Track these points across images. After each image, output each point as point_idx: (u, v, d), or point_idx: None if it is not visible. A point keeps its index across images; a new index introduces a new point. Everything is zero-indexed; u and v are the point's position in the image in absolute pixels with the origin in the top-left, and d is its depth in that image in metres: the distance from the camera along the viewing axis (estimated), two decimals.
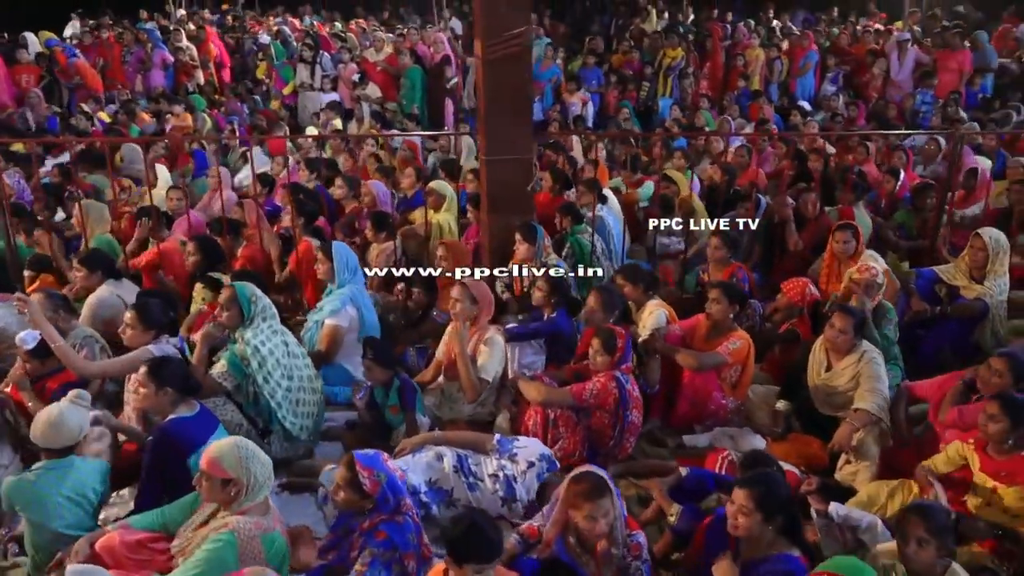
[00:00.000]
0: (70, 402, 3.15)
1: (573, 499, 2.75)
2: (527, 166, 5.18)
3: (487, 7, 4.75)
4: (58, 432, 3.08)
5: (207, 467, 2.78)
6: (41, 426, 3.10)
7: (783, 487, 2.76)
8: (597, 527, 2.75)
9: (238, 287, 3.83)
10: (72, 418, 3.11)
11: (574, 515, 2.77)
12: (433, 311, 4.83)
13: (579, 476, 2.80)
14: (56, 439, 3.09)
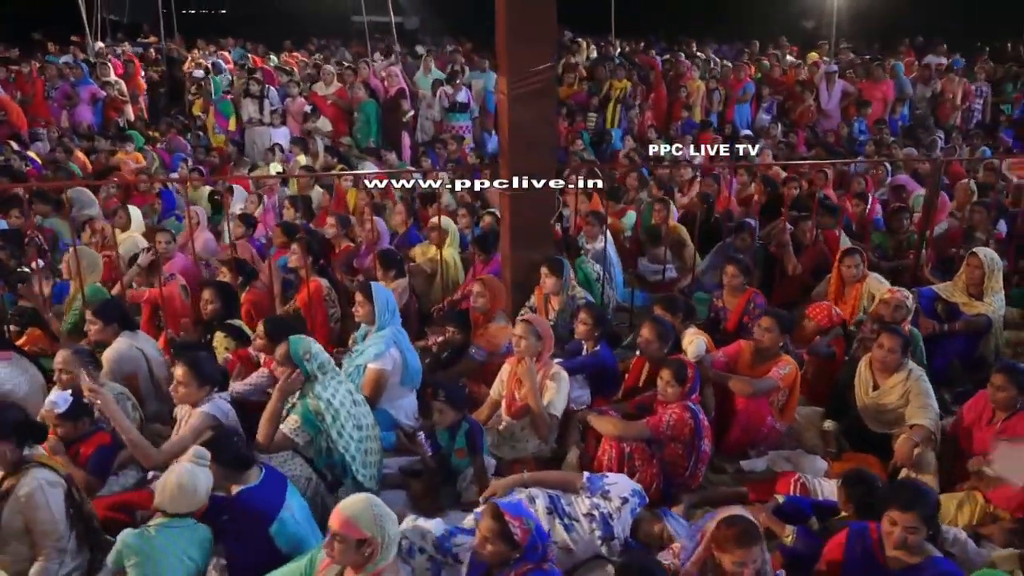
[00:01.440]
0: (194, 463, 2.94)
1: (723, 542, 2.74)
2: (550, 200, 5.21)
3: (511, 44, 4.79)
4: (191, 496, 2.93)
5: (341, 528, 2.63)
6: (171, 490, 2.95)
7: (934, 498, 2.86)
8: (745, 572, 2.75)
9: (291, 342, 3.67)
10: (202, 480, 2.95)
11: (721, 558, 2.76)
12: (471, 349, 4.74)
13: (731, 520, 2.79)
14: (187, 503, 2.93)
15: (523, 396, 4.07)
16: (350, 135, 10.49)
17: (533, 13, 4.73)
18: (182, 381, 3.67)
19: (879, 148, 9.66)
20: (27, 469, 3.17)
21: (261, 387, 4.31)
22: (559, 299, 5.12)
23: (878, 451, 4.13)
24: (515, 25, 4.73)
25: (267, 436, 3.63)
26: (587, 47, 15.34)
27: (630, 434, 3.77)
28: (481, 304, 4.74)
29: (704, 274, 6.37)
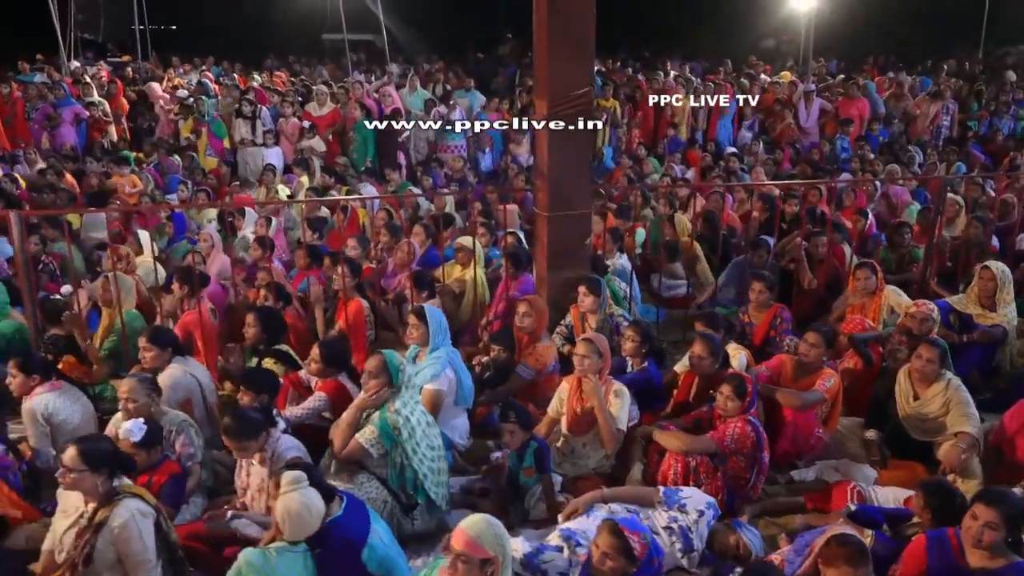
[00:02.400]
0: (304, 488, 2.96)
1: (832, 559, 2.85)
2: (586, 221, 5.33)
3: (552, 69, 4.90)
4: (308, 521, 2.95)
5: (464, 547, 2.69)
6: (292, 518, 2.95)
7: (1018, 502, 3.02)
8: None
9: (388, 355, 3.74)
10: (317, 505, 2.97)
11: (827, 573, 2.88)
12: (519, 367, 4.81)
13: (843, 539, 2.90)
14: (307, 527, 2.94)
15: (587, 412, 4.16)
16: (344, 155, 10.49)
17: (572, 40, 4.87)
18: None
19: (863, 164, 10.02)
20: (119, 500, 3.16)
21: (318, 411, 4.32)
22: (596, 317, 5.23)
23: (920, 459, 4.32)
24: (555, 51, 4.86)
25: (343, 443, 3.67)
26: None
27: (696, 448, 3.89)
28: (528, 324, 4.82)
29: (721, 289, 6.54)
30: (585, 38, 4.90)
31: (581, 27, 4.87)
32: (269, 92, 11.80)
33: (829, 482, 4.27)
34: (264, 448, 3.57)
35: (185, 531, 3.57)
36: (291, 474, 3.03)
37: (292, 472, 3.04)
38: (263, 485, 3.58)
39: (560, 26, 4.81)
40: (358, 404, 3.70)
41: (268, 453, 3.57)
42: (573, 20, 4.82)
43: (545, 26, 4.83)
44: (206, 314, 5.24)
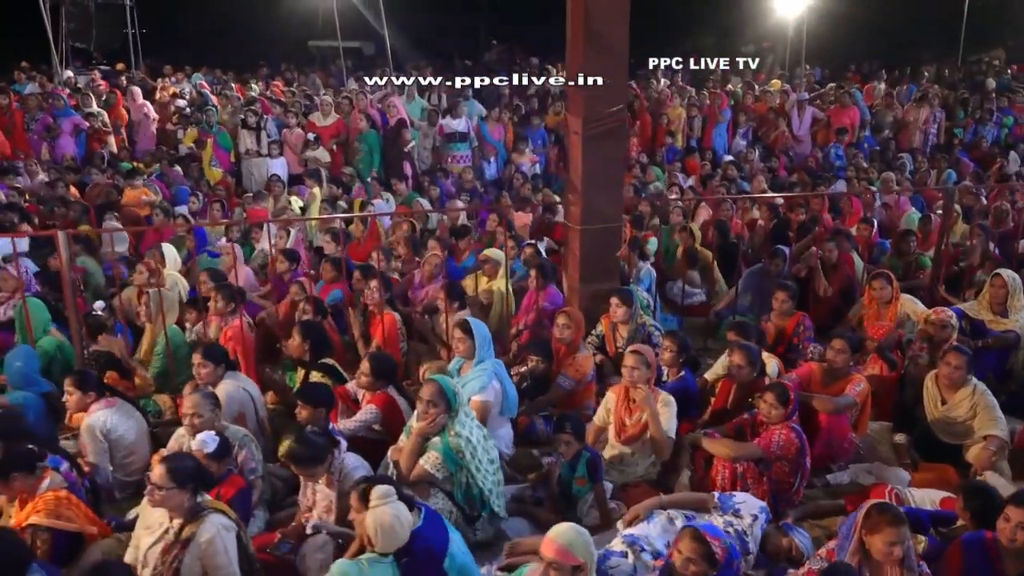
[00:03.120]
0: (394, 502, 3.06)
1: (874, 525, 3.05)
2: (617, 234, 5.48)
3: (587, 87, 5.04)
4: (399, 533, 3.03)
5: (557, 556, 2.82)
6: (385, 530, 3.03)
7: None
8: (895, 551, 3.05)
9: (442, 381, 3.83)
10: (406, 515, 3.06)
11: (872, 541, 3.06)
12: (559, 377, 4.95)
13: (881, 506, 3.12)
14: (398, 539, 3.03)
15: (636, 422, 4.30)
16: (348, 165, 10.55)
17: (606, 58, 5.02)
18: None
19: (858, 172, 10.30)
20: (205, 516, 3.24)
21: (369, 424, 4.44)
22: (627, 328, 5.38)
23: (949, 461, 4.52)
24: (589, 69, 5.00)
25: (408, 469, 3.78)
26: (556, 72, 15.81)
27: (743, 455, 4.05)
28: (567, 335, 4.96)
29: (740, 297, 6.72)
30: (619, 57, 5.05)
31: (615, 46, 5.03)
32: (271, 102, 11.82)
33: (863, 484, 4.46)
34: (331, 470, 3.67)
35: (256, 544, 3.66)
36: (381, 488, 3.13)
37: (382, 487, 3.14)
38: (331, 506, 3.67)
39: (595, 45, 4.96)
40: (418, 432, 3.80)
41: (335, 474, 3.67)
42: (607, 40, 4.97)
43: (581, 45, 4.97)
44: (246, 329, 5.32)
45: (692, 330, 6.49)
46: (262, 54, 19.25)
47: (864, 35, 20.11)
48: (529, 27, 21.64)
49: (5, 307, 5.80)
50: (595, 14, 4.88)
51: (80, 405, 4.17)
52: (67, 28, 14.16)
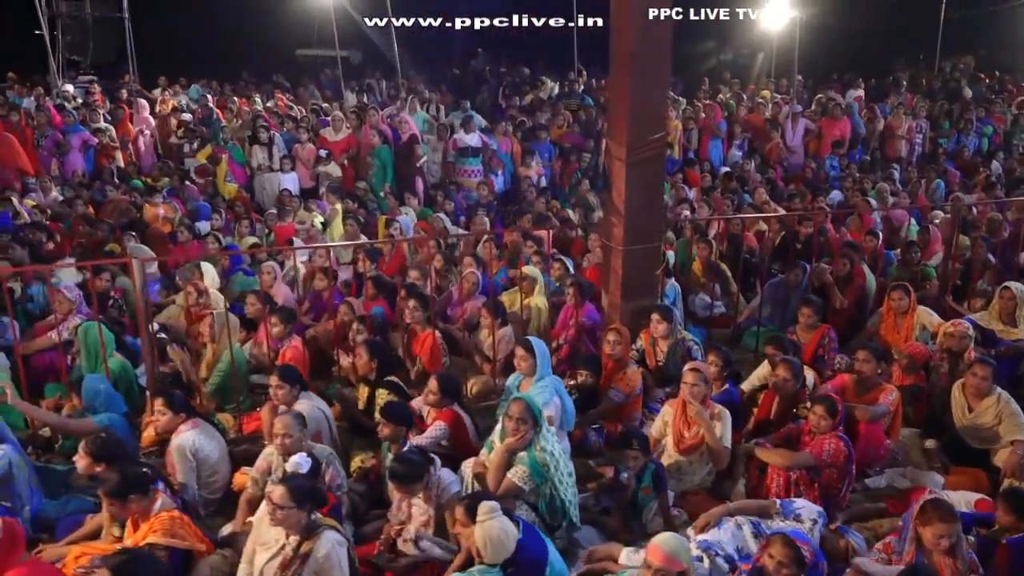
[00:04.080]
0: (500, 516, 3.30)
1: (926, 519, 3.40)
2: (658, 252, 5.78)
3: (633, 117, 5.33)
4: (506, 546, 3.26)
5: (663, 563, 3.10)
6: (494, 543, 3.28)
7: None
8: (942, 543, 3.40)
9: (528, 399, 4.10)
10: (511, 528, 3.31)
11: (923, 532, 3.41)
12: (610, 391, 5.23)
13: (934, 502, 3.50)
14: (506, 551, 3.27)
15: (694, 434, 4.60)
16: (359, 180, 10.75)
17: (650, 89, 5.32)
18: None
19: (853, 183, 10.73)
20: (320, 532, 3.47)
21: (438, 440, 4.67)
22: (667, 342, 5.68)
23: (977, 464, 4.88)
24: (635, 99, 5.28)
25: (497, 483, 4.04)
26: (551, 83, 16.13)
27: (797, 463, 4.35)
28: (618, 351, 5.24)
29: (759, 309, 7.05)
30: (660, 87, 5.35)
31: (657, 78, 5.33)
32: (274, 116, 11.96)
33: (899, 488, 4.80)
34: (428, 486, 3.91)
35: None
36: (487, 504, 3.38)
37: (488, 502, 3.39)
38: (429, 520, 3.91)
39: (639, 77, 5.25)
40: (507, 447, 4.06)
41: (433, 490, 3.91)
42: (650, 72, 5.26)
43: (626, 76, 5.25)
44: (303, 349, 5.54)
45: (716, 341, 6.81)
46: (251, 64, 19.29)
47: (842, 45, 20.67)
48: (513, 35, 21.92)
49: (60, 329, 5.93)
50: (640, 48, 5.17)
51: (170, 426, 4.36)
52: (64, 41, 14.14)
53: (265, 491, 3.77)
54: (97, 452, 3.93)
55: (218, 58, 18.79)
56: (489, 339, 6.05)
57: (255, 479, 4.29)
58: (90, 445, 3.94)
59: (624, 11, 5.19)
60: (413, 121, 11.68)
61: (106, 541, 3.98)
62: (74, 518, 4.23)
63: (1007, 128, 13.80)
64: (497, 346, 5.97)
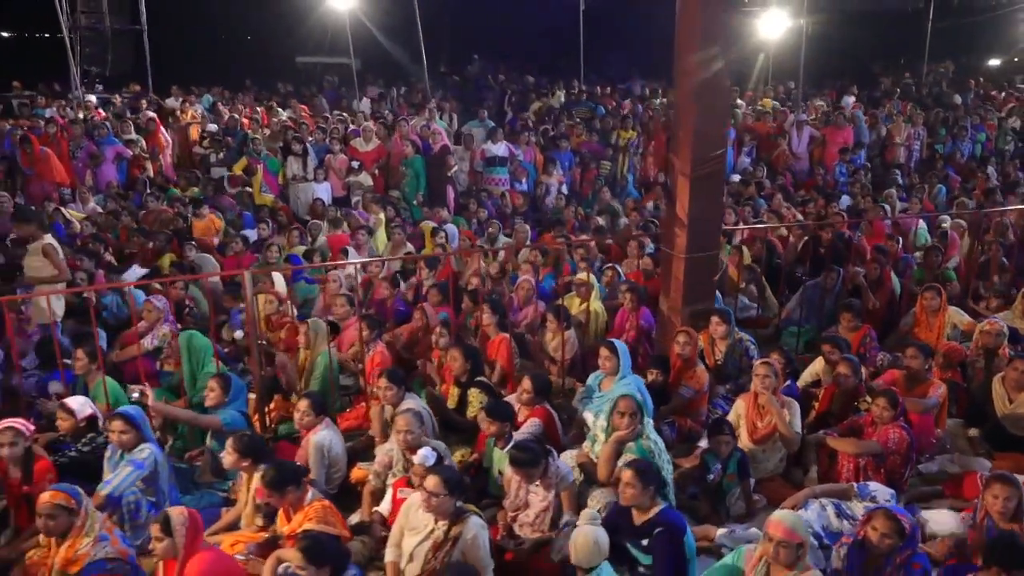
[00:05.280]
0: (597, 526, 3.68)
1: (989, 483, 3.88)
2: (716, 260, 6.23)
3: (697, 136, 5.77)
4: (597, 554, 3.60)
5: (784, 536, 3.51)
6: (584, 550, 3.60)
7: None
8: (998, 504, 3.89)
9: (634, 395, 4.52)
10: (604, 539, 3.64)
11: (986, 496, 3.91)
12: (680, 388, 5.66)
13: (999, 473, 4.03)
14: (594, 560, 3.60)
15: (766, 424, 5.05)
16: (388, 189, 11.12)
17: (713, 109, 5.76)
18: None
19: (862, 189, 11.29)
20: (467, 516, 3.87)
21: (534, 435, 5.06)
22: (725, 342, 6.13)
23: (1019, 450, 5.37)
24: (700, 118, 5.72)
25: (608, 473, 4.46)
26: (558, 90, 16.59)
27: (866, 451, 4.81)
28: (688, 351, 5.68)
29: (795, 311, 7.54)
30: (722, 108, 5.79)
31: (719, 99, 5.78)
32: (303, 127, 12.29)
33: (949, 472, 5.28)
34: (548, 474, 4.31)
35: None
36: (588, 512, 3.79)
37: (589, 511, 3.81)
38: (548, 506, 4.31)
39: (703, 97, 5.69)
40: (616, 439, 4.49)
41: (552, 478, 4.31)
42: (712, 94, 5.71)
43: (691, 98, 5.70)
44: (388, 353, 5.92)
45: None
46: (254, 72, 19.54)
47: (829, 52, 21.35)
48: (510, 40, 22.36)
49: (152, 336, 6.26)
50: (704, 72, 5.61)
51: (311, 425, 4.72)
52: (84, 52, 14.33)
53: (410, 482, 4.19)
54: (244, 449, 4.28)
55: (222, 67, 19.08)
56: (553, 341, 6.47)
57: (377, 473, 4.68)
58: (237, 443, 4.29)
59: (689, 36, 5.63)
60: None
61: (250, 531, 4.35)
62: (208, 511, 4.57)
63: (996, 134, 14.49)
64: (556, 350, 6.39)
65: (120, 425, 4.39)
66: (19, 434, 4.31)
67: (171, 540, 3.56)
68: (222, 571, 3.66)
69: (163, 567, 3.71)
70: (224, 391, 4.88)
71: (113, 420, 4.41)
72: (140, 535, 4.32)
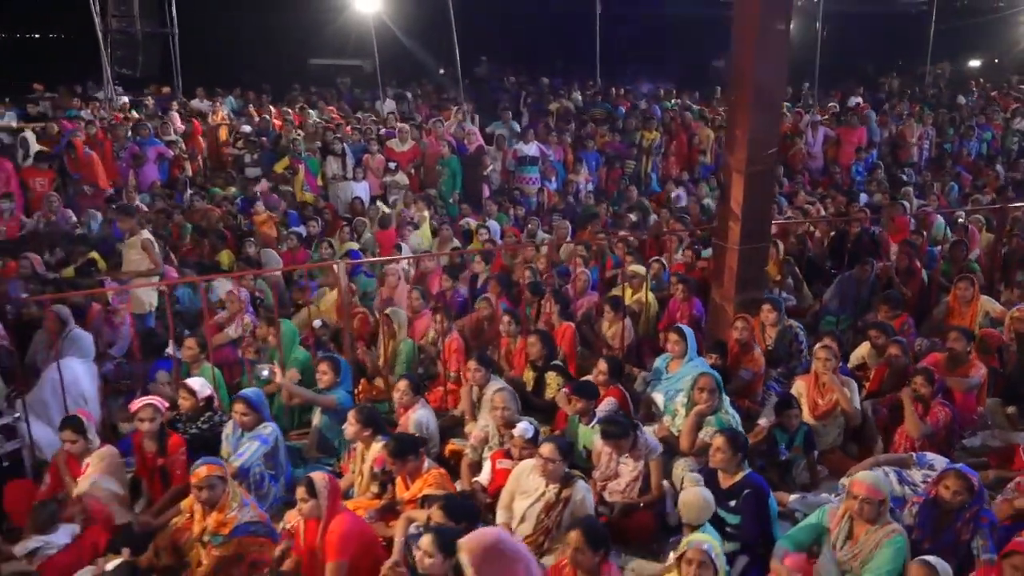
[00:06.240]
0: (703, 487, 4.09)
1: None
2: (766, 251, 6.66)
3: (752, 135, 6.18)
4: (707, 511, 4.01)
5: (868, 493, 3.93)
6: (696, 508, 4.00)
7: None
8: None
9: (714, 374, 4.94)
10: (711, 497, 4.05)
11: None
12: (740, 371, 6.08)
13: None
14: (704, 516, 4.00)
15: (827, 401, 5.46)
16: (424, 188, 11.51)
17: (767, 110, 6.18)
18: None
19: (879, 187, 11.75)
20: (575, 481, 4.27)
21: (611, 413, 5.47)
22: (775, 329, 6.54)
23: None
24: (754, 116, 6.14)
25: (690, 444, 4.87)
26: (575, 92, 17.00)
27: (924, 432, 5.22)
28: (745, 336, 6.09)
29: (830, 301, 7.96)
30: (776, 109, 6.22)
31: (774, 102, 6.21)
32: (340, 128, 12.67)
33: (991, 446, 5.71)
34: (637, 445, 4.71)
35: None
36: (692, 476, 4.20)
37: (694, 474, 4.21)
38: (639, 475, 4.70)
39: (758, 99, 6.10)
40: (697, 413, 4.92)
41: (641, 449, 4.71)
42: (768, 96, 6.13)
43: (747, 98, 6.11)
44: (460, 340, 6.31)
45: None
46: (271, 74, 19.84)
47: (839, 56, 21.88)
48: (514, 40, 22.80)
49: (235, 326, 6.63)
50: (760, 76, 6.03)
51: (409, 404, 5.11)
52: (114, 55, 14.64)
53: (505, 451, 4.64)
54: (365, 420, 4.68)
55: (241, 70, 19.40)
56: (610, 330, 6.88)
57: (474, 447, 5.08)
58: (360, 414, 4.68)
59: (746, 40, 6.05)
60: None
61: (365, 498, 4.73)
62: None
63: (1002, 134, 15.00)
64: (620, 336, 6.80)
65: (242, 407, 4.77)
66: (156, 411, 4.68)
67: (316, 501, 3.94)
68: (359, 531, 4.03)
69: (304, 527, 4.09)
70: (336, 373, 5.27)
71: (236, 403, 4.79)
72: (263, 504, 4.68)
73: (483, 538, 2.04)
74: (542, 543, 4.26)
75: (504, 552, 2.06)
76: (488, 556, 2.03)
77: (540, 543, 4.26)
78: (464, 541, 2.09)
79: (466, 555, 2.04)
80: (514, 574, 2.04)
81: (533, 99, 17.50)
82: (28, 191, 10.18)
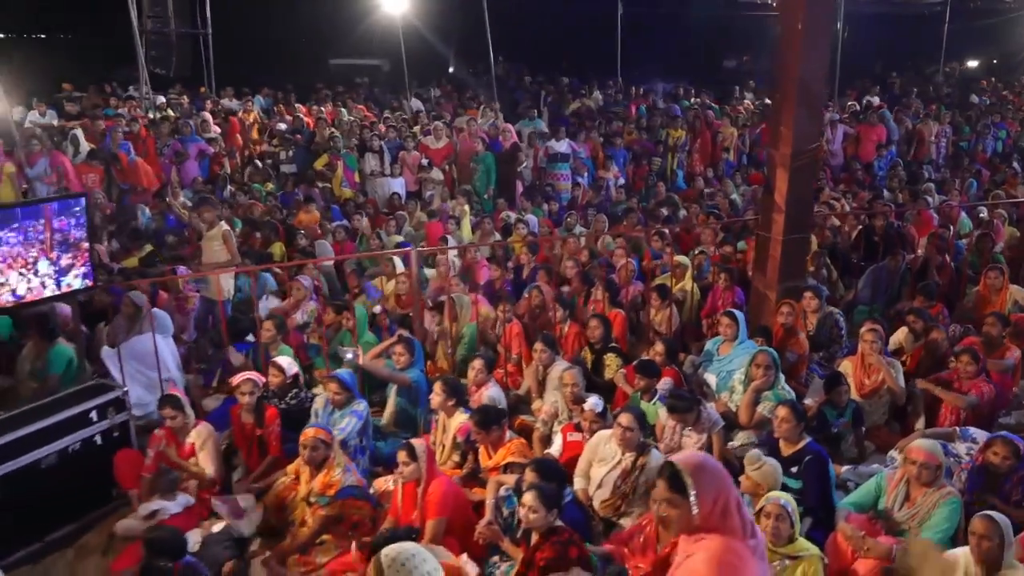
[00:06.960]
0: (769, 460, 4.39)
1: None
2: (808, 241, 6.98)
3: (797, 131, 6.51)
4: (780, 477, 4.33)
5: (926, 459, 4.25)
6: (772, 477, 4.30)
7: None
8: None
9: (771, 352, 5.28)
10: (779, 467, 4.38)
11: None
12: (787, 353, 6.40)
13: None
14: (777, 483, 4.30)
15: (874, 381, 5.79)
16: (458, 183, 11.85)
17: (809, 106, 6.50)
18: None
19: (900, 183, 12.07)
20: (649, 449, 4.60)
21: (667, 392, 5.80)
22: (816, 316, 6.87)
23: None
24: (798, 113, 6.46)
25: (749, 417, 5.21)
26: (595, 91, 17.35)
27: (966, 403, 5.55)
28: (790, 321, 6.43)
29: (862, 291, 8.29)
30: (818, 105, 6.54)
31: (816, 96, 6.54)
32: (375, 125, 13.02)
33: None
34: (701, 419, 5.04)
35: None
36: (754, 453, 4.50)
37: (755, 452, 4.52)
38: (701, 447, 5.03)
39: (802, 96, 6.42)
40: (755, 388, 5.26)
41: (705, 422, 5.04)
42: (811, 93, 6.46)
43: (792, 96, 6.43)
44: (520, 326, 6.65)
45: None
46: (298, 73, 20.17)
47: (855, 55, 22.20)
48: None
49: (301, 312, 6.97)
50: (804, 73, 6.36)
51: (483, 382, 5.45)
52: (149, 55, 14.97)
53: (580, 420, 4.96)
54: (450, 391, 5.02)
55: (268, 69, 19.74)
56: (657, 316, 7.21)
57: (544, 421, 5.41)
58: (445, 385, 5.03)
59: (791, 37, 6.37)
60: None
61: (447, 467, 5.07)
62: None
63: (1018, 132, 15.33)
64: (662, 324, 7.13)
65: (336, 387, 5.12)
66: (255, 385, 5.03)
67: (416, 465, 4.27)
68: (455, 493, 4.37)
69: (402, 491, 4.42)
70: (411, 354, 5.60)
71: (331, 383, 5.13)
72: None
73: (693, 455, 2.36)
74: (619, 506, 4.60)
75: (715, 464, 2.38)
76: (703, 467, 2.34)
77: (617, 506, 4.60)
78: (678, 459, 2.40)
79: (684, 466, 2.34)
80: (725, 479, 2.35)
81: (553, 98, 17.85)
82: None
